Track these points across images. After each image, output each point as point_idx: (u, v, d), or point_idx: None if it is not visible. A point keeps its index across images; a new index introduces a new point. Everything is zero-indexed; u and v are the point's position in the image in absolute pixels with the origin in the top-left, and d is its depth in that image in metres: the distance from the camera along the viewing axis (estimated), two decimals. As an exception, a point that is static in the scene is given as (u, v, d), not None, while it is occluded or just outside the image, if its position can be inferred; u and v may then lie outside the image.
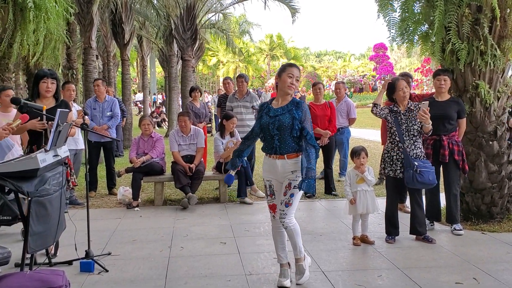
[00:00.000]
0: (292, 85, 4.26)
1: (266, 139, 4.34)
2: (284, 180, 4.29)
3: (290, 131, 4.21)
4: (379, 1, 6.48)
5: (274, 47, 62.06)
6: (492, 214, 6.19)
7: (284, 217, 4.26)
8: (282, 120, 4.22)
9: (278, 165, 4.28)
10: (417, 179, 5.28)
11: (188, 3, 16.43)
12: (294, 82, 4.26)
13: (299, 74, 4.33)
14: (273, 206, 4.41)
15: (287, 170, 4.26)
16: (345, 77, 45.30)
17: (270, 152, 4.32)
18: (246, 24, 39.23)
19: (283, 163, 4.26)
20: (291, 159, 4.25)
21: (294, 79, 4.26)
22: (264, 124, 4.30)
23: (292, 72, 4.27)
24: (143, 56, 28.15)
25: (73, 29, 13.70)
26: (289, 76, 4.26)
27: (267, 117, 4.30)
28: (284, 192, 4.29)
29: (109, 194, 8.56)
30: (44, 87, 5.30)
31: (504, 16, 5.92)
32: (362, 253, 5.34)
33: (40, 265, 4.69)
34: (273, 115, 4.28)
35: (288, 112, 4.24)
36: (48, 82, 5.31)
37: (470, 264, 4.86)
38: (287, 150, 4.24)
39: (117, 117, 8.68)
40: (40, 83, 5.29)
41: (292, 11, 18.10)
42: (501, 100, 6.20)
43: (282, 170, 4.27)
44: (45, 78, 5.30)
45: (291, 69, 4.29)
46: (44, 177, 4.13)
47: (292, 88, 4.27)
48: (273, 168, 4.32)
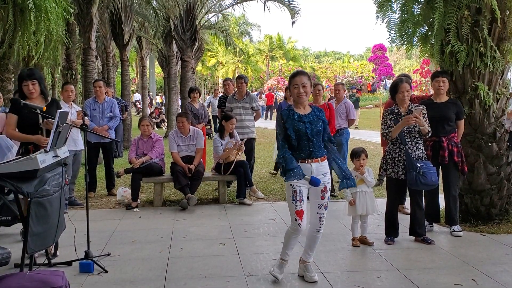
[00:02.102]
0: (300, 94, 4.36)
1: (302, 145, 4.35)
2: None
3: (322, 136, 4.42)
4: (378, 2, 6.49)
5: (273, 48, 62.06)
6: (491, 216, 6.20)
7: (323, 220, 4.49)
8: (317, 126, 4.36)
9: (314, 168, 4.35)
10: (420, 181, 5.30)
11: (188, 4, 16.44)
12: (301, 90, 4.34)
13: (304, 79, 4.38)
14: (301, 212, 4.33)
15: (320, 172, 4.37)
16: (344, 78, 45.31)
17: (304, 157, 4.35)
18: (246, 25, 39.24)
19: (317, 166, 4.37)
20: (323, 161, 4.42)
21: (300, 87, 4.35)
22: (301, 130, 4.32)
23: (296, 82, 4.37)
24: (142, 57, 28.17)
25: (72, 29, 13.73)
26: (295, 87, 4.39)
27: (301, 124, 4.34)
28: (321, 196, 4.44)
29: (108, 195, 8.57)
30: (26, 90, 5.18)
31: (504, 18, 5.94)
32: (361, 254, 5.35)
33: (39, 266, 4.69)
34: (307, 121, 4.36)
35: (318, 118, 4.41)
36: (28, 84, 5.17)
37: (469, 265, 4.86)
38: (321, 154, 4.40)
39: (117, 118, 8.69)
40: (22, 86, 5.18)
41: (291, 12, 18.12)
42: (500, 102, 6.21)
43: (316, 173, 4.35)
44: (24, 81, 5.18)
45: (294, 79, 4.40)
46: (43, 178, 4.14)
47: (302, 97, 4.37)
48: (307, 172, 4.32)
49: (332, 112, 8.36)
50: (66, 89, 7.66)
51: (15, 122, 5.18)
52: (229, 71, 57.49)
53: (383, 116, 5.63)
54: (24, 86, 5.19)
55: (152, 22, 21.85)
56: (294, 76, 4.44)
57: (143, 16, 21.62)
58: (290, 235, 4.47)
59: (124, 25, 16.68)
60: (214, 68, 61.39)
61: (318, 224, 4.48)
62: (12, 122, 5.19)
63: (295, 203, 4.34)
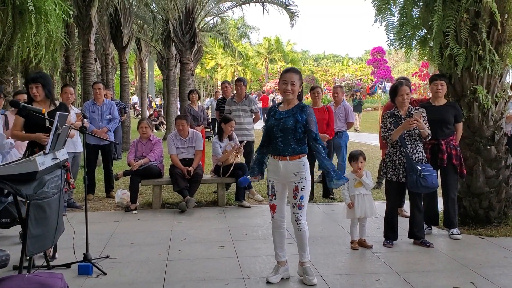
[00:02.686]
0: (286, 91, 4.37)
1: (271, 141, 4.47)
2: (289, 184, 4.45)
3: (293, 134, 4.35)
4: (377, 5, 6.50)
5: (272, 51, 62.14)
6: (489, 219, 6.21)
7: (300, 219, 4.45)
8: (286, 123, 4.37)
9: (281, 166, 4.41)
10: (421, 183, 5.31)
11: (187, 6, 16.46)
12: (288, 87, 4.36)
13: (295, 77, 4.39)
14: (273, 206, 4.55)
15: (289, 171, 4.39)
16: (343, 81, 45.35)
17: (274, 153, 4.46)
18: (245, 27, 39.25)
19: (285, 164, 4.40)
20: (293, 160, 4.39)
21: (288, 84, 4.36)
22: (269, 126, 4.46)
23: (285, 78, 4.39)
24: (141, 59, 28.17)
25: (71, 32, 13.74)
26: (283, 83, 4.41)
27: (273, 120, 4.45)
28: (293, 195, 4.43)
29: (107, 197, 8.56)
30: (31, 92, 5.31)
31: (502, 22, 5.96)
32: (360, 257, 5.35)
33: (38, 268, 4.68)
34: (279, 118, 4.42)
35: (293, 115, 4.39)
36: (33, 87, 5.28)
37: (468, 268, 4.87)
38: (289, 152, 4.39)
39: (116, 120, 8.69)
40: (29, 88, 5.32)
41: (290, 15, 18.15)
42: (499, 105, 6.22)
43: (285, 171, 4.40)
44: (29, 84, 5.31)
45: (285, 75, 4.42)
46: (43, 180, 4.14)
47: (287, 93, 4.39)
48: (276, 169, 4.44)
49: (331, 115, 8.37)
50: (66, 91, 7.65)
51: (21, 124, 5.30)
52: (228, 74, 57.53)
53: (383, 119, 5.64)
54: (29, 88, 5.31)
55: (151, 24, 21.86)
56: (286, 72, 4.46)
57: (142, 18, 21.63)
58: (272, 230, 4.64)
59: (124, 27, 16.69)
60: (213, 71, 61.44)
61: (296, 224, 4.48)
62: (18, 123, 5.31)
63: (268, 197, 4.60)
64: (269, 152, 4.58)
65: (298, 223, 4.46)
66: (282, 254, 4.63)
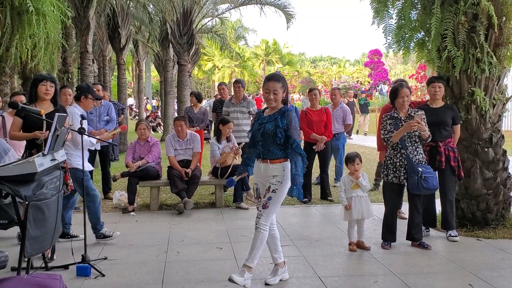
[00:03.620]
0: (269, 99, 4.38)
1: (256, 144, 4.52)
2: (266, 184, 4.48)
3: (273, 138, 4.36)
4: (375, 8, 6.52)
5: (269, 53, 62.19)
6: (487, 221, 6.22)
7: (260, 217, 4.41)
8: (266, 128, 4.38)
9: (262, 168, 4.48)
10: (422, 185, 5.33)
11: (185, 8, 16.46)
12: (271, 96, 4.35)
13: (277, 85, 4.35)
14: None
15: (269, 174, 4.43)
16: (340, 83, 45.40)
17: (258, 156, 4.52)
18: (242, 29, 39.31)
19: (266, 167, 4.44)
20: (274, 164, 4.40)
21: (271, 93, 4.35)
22: (253, 130, 4.55)
23: (268, 87, 4.37)
24: (139, 61, 28.16)
25: (68, 33, 13.71)
26: (266, 92, 4.41)
27: (257, 124, 4.52)
28: (264, 195, 4.49)
29: (104, 199, 8.54)
30: (43, 90, 5.29)
31: (500, 24, 5.98)
32: (358, 259, 5.35)
33: (36, 270, 4.67)
34: (261, 123, 4.46)
35: (274, 120, 4.37)
36: (47, 84, 5.31)
37: (466, 270, 4.88)
38: (269, 156, 4.41)
39: (114, 122, 8.68)
40: (39, 85, 5.28)
41: (287, 16, 18.18)
42: (497, 107, 6.24)
43: (265, 173, 4.46)
44: (44, 80, 5.31)
45: (267, 84, 4.39)
46: (41, 181, 4.13)
47: (271, 103, 4.39)
48: (259, 171, 4.53)
49: (329, 116, 8.39)
50: (64, 92, 7.63)
51: (19, 125, 5.27)
52: (225, 75, 57.56)
53: (382, 121, 5.65)
54: (42, 85, 5.28)
55: (148, 26, 21.85)
56: (268, 81, 4.41)
57: (140, 20, 21.63)
58: None
59: (121, 28, 16.68)
60: (210, 72, 61.45)
61: (255, 221, 4.44)
62: (16, 124, 5.28)
63: (255, 201, 4.72)
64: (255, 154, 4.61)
65: (257, 221, 4.40)
66: (278, 256, 4.63)
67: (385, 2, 6.38)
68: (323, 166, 8.45)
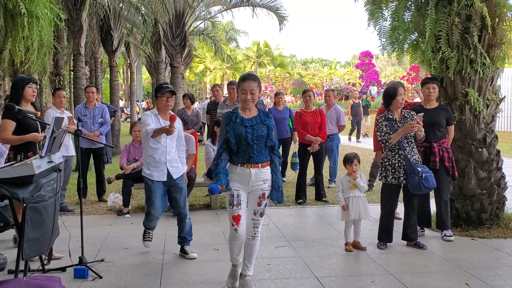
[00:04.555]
0: (247, 100, 4.21)
1: (241, 149, 4.21)
2: (255, 190, 4.28)
3: (265, 141, 4.24)
4: (369, 10, 6.56)
5: (261, 55, 62.30)
6: (481, 220, 6.27)
7: (258, 226, 4.34)
8: (259, 131, 4.21)
9: (252, 174, 4.22)
10: (423, 185, 5.37)
11: (177, 10, 16.45)
12: (248, 97, 4.19)
13: (253, 85, 4.21)
14: (238, 217, 4.23)
15: (259, 179, 4.25)
16: (332, 85, 45.56)
17: (243, 162, 4.22)
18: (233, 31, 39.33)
19: (257, 172, 4.23)
20: (264, 168, 4.27)
21: (248, 93, 4.19)
22: (241, 134, 4.17)
23: (244, 88, 4.21)
24: (130, 63, 28.09)
25: (60, 35, 13.68)
26: (242, 92, 4.23)
27: (242, 127, 4.19)
28: (258, 202, 4.30)
29: (99, 201, 8.52)
30: (30, 92, 5.36)
31: (493, 25, 6.04)
32: (355, 259, 5.38)
33: (34, 272, 4.65)
34: (249, 125, 4.21)
35: (262, 122, 4.25)
36: (33, 87, 5.39)
37: (462, 269, 4.92)
38: (261, 160, 4.24)
39: (108, 124, 8.67)
40: (26, 87, 5.33)
41: (279, 19, 18.21)
42: (490, 108, 6.30)
43: (255, 179, 4.24)
44: (30, 82, 5.37)
45: (243, 84, 4.23)
46: (39, 183, 4.13)
47: (248, 104, 4.23)
48: (245, 177, 4.23)
49: (323, 118, 8.42)
50: (59, 95, 7.62)
51: (12, 128, 5.26)
52: (217, 77, 57.60)
53: (377, 122, 5.67)
54: (28, 87, 5.33)
55: (141, 28, 21.81)
56: (243, 81, 4.25)
57: (132, 22, 21.59)
58: (231, 241, 4.39)
59: (114, 31, 16.66)
60: (201, 74, 61.42)
61: (252, 231, 4.31)
62: (9, 127, 5.26)
63: (231, 207, 4.25)
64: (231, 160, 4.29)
65: (256, 230, 4.32)
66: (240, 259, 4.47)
67: (379, 4, 6.42)
68: (318, 167, 8.48)
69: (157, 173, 5.28)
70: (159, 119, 5.24)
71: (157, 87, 5.34)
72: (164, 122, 5.17)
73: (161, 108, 5.29)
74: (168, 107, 5.26)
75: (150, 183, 5.31)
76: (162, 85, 5.30)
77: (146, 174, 5.30)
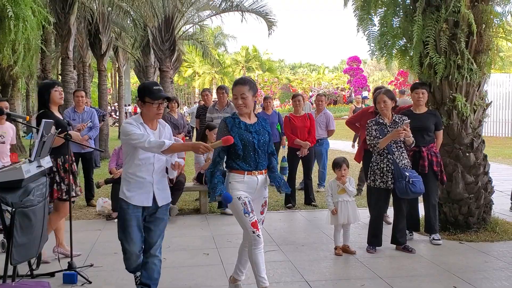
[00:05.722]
0: (239, 106, 4.09)
1: (248, 156, 4.08)
2: (259, 198, 4.21)
3: (267, 147, 4.18)
4: (358, 15, 6.61)
5: (249, 59, 62.43)
6: (469, 224, 6.33)
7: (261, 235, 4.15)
8: (264, 137, 4.14)
9: (259, 181, 4.14)
10: (410, 189, 5.41)
11: (167, 14, 16.45)
12: (239, 102, 4.06)
13: (244, 89, 4.07)
14: (256, 223, 4.06)
15: (263, 185, 4.20)
16: (320, 89, 45.73)
17: (251, 169, 4.09)
18: (222, 36, 39.38)
19: (262, 178, 4.17)
20: (265, 174, 4.22)
21: (239, 98, 4.07)
22: (247, 140, 4.05)
23: (235, 93, 4.11)
24: (119, 67, 27.99)
25: (48, 39, 13.63)
26: (234, 98, 4.13)
27: (248, 133, 4.08)
28: (261, 210, 4.26)
29: (87, 206, 8.48)
30: (57, 95, 5.34)
31: (480, 31, 6.11)
32: (344, 263, 5.41)
33: (22, 277, 4.62)
34: (254, 131, 4.12)
35: (263, 128, 4.20)
36: (59, 90, 5.37)
37: (450, 273, 4.96)
38: (264, 166, 4.18)
39: (97, 128, 8.63)
40: (52, 91, 5.30)
41: (269, 24, 18.26)
42: (477, 113, 6.37)
43: (260, 185, 4.16)
44: (56, 86, 5.35)
45: (234, 89, 4.13)
46: (28, 188, 4.10)
47: (241, 108, 4.10)
48: (253, 185, 4.12)
49: (313, 122, 8.45)
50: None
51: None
52: (205, 82, 57.59)
53: (368, 127, 5.71)
54: (55, 91, 5.31)
55: (129, 32, 21.76)
56: (234, 86, 4.14)
57: (120, 26, 21.53)
58: (253, 251, 4.08)
59: (102, 35, 16.60)
60: (190, 79, 61.36)
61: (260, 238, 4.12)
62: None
63: (248, 215, 4.03)
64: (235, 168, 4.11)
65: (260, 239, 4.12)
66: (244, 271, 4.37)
67: (368, 10, 6.47)
68: (307, 172, 8.51)
69: (139, 197, 4.09)
70: (146, 128, 4.08)
71: (145, 88, 4.09)
72: (151, 133, 4.07)
73: (149, 116, 4.10)
74: (159, 117, 4.15)
75: (126, 209, 4.12)
76: (153, 88, 4.07)
77: (124, 197, 4.11)
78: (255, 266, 4.10)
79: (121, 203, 4.15)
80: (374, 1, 6.41)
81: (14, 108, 16.06)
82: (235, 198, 4.04)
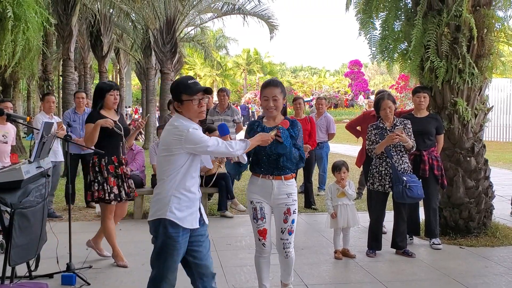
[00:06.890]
0: (269, 108, 3.97)
1: (260, 160, 4.00)
2: (279, 205, 4.03)
3: (290, 152, 3.92)
4: (360, 19, 6.62)
5: (251, 62, 62.48)
6: (469, 229, 6.31)
7: (289, 246, 4.06)
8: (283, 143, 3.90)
9: (275, 186, 3.99)
10: (406, 194, 5.39)
11: (168, 16, 16.48)
12: (271, 104, 3.94)
13: (276, 91, 3.96)
14: (264, 231, 4.01)
15: (283, 192, 4.00)
16: (321, 93, 45.75)
17: (266, 173, 3.99)
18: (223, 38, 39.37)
19: (280, 184, 3.99)
20: (287, 180, 4.02)
21: (270, 100, 3.94)
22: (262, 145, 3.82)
23: (266, 94, 3.98)
24: (120, 69, 28.03)
25: (49, 40, 13.63)
26: (265, 99, 4.01)
27: None
28: (284, 219, 4.02)
29: (87, 207, 8.46)
30: (112, 99, 5.27)
31: (482, 36, 6.11)
32: (344, 266, 5.39)
33: (20, 278, 4.61)
34: None
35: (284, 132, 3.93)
36: (114, 94, 5.29)
37: (450, 277, 4.94)
38: (284, 172, 3.99)
39: (97, 130, 8.61)
40: (107, 95, 5.23)
41: (270, 27, 18.31)
42: (478, 117, 6.36)
43: (278, 192, 3.99)
44: (111, 90, 5.27)
45: (265, 90, 4.00)
46: (27, 189, 4.11)
47: (271, 111, 3.99)
48: (267, 189, 4.00)
49: (313, 125, 8.44)
50: (48, 100, 7.57)
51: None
52: (206, 84, 57.54)
53: (368, 131, 5.70)
54: (110, 95, 5.24)
55: (131, 34, 21.78)
56: (265, 87, 4.01)
57: (122, 28, 21.57)
58: (258, 259, 4.12)
59: (103, 36, 16.63)
60: (191, 81, 61.28)
61: (283, 252, 4.07)
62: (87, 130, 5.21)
63: (256, 221, 4.00)
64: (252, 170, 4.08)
65: (287, 251, 4.05)
66: (268, 285, 4.21)
67: (370, 13, 6.48)
68: (307, 175, 8.50)
69: (191, 217, 3.42)
70: None
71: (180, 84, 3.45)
72: None
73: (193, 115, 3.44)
74: (202, 116, 3.50)
75: (174, 234, 3.36)
76: (188, 82, 3.44)
77: (175, 218, 3.33)
78: (259, 273, 4.16)
79: (167, 226, 3.35)
80: (375, 4, 6.41)
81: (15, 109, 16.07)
82: (248, 201, 4.08)
